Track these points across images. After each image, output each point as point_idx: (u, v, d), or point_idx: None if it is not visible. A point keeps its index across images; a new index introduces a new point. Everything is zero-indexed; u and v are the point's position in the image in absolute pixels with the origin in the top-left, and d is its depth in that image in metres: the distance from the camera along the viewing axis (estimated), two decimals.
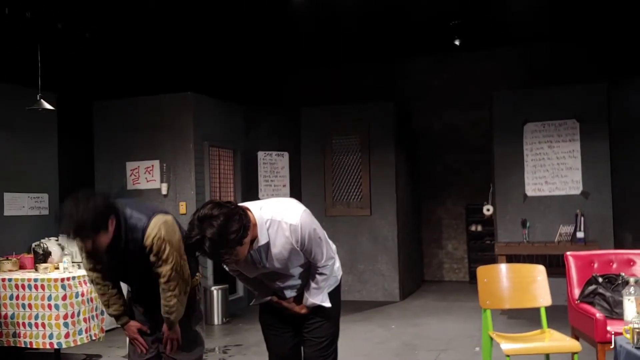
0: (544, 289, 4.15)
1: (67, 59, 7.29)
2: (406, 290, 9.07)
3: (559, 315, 5.30)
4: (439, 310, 8.05)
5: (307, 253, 2.91)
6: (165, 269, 3.16)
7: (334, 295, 3.15)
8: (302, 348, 3.18)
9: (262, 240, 2.81)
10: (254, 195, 8.49)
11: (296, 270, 3.00)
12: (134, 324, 3.35)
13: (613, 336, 3.30)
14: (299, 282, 3.06)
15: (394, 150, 8.88)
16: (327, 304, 3.06)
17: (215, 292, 7.61)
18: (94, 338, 5.53)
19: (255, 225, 2.77)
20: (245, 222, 2.65)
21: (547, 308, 4.15)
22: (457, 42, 8.80)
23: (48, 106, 6.28)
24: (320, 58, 9.66)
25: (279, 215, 2.83)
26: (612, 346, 3.12)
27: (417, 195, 10.29)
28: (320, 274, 3.01)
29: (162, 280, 3.17)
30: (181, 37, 8.00)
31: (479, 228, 10.28)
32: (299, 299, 3.09)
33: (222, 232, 2.57)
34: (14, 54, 6.65)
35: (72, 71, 7.48)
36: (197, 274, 3.44)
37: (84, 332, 5.39)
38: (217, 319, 7.60)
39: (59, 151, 7.49)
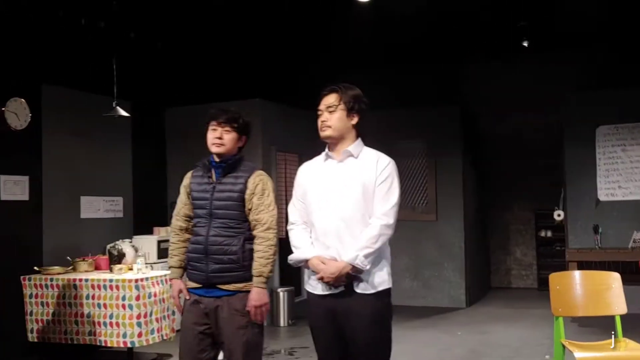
0: (619, 296, 4.03)
1: (140, 67, 7.54)
2: (472, 297, 8.94)
3: (634, 324, 5.12)
4: (506, 317, 7.90)
5: (378, 192, 3.03)
6: (266, 216, 3.36)
7: (384, 297, 3.03)
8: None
9: (351, 149, 3.11)
10: None
11: (357, 217, 2.99)
12: (180, 283, 3.49)
13: None
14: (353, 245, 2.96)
15: (460, 154, 8.78)
16: (366, 267, 2.93)
17: (281, 293, 7.71)
18: (165, 338, 5.69)
19: (354, 141, 3.16)
20: (364, 111, 3.24)
21: (621, 317, 4.02)
22: (525, 44, 8.63)
23: (123, 113, 6.52)
24: (384, 61, 9.63)
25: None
26: None
27: (483, 200, 10.13)
28: (375, 227, 2.97)
29: (262, 228, 3.36)
30: (249, 45, 8.14)
31: (549, 234, 10.04)
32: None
33: (353, 87, 3.27)
34: (90, 63, 6.93)
35: (145, 79, 7.73)
36: None
37: (155, 332, 5.56)
38: (282, 320, 7.69)
39: (133, 156, 7.76)
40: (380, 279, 3.02)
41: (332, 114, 3.12)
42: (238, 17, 7.30)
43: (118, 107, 6.48)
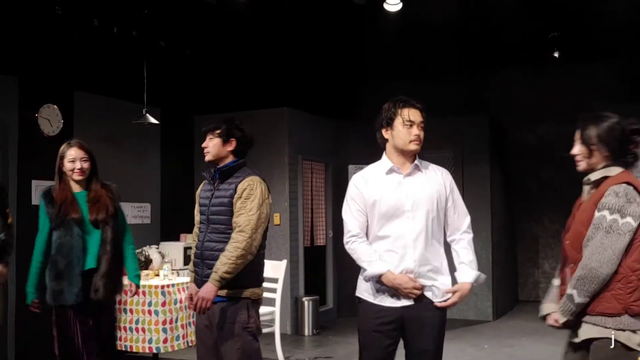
0: None
1: (169, 75, 7.63)
2: (500, 310, 8.82)
3: None
4: (534, 331, 7.77)
5: (456, 206, 3.19)
6: (243, 219, 3.42)
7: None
8: None
9: (417, 162, 3.19)
10: None
11: (434, 229, 3.09)
12: (193, 287, 3.62)
13: None
14: (432, 261, 3.08)
15: (488, 165, 8.69)
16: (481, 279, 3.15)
17: (306, 302, 7.69)
18: (190, 344, 5.70)
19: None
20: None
21: None
22: (556, 54, 8.54)
23: (153, 120, 6.58)
24: (412, 70, 9.61)
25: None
26: None
27: (512, 211, 10.01)
28: (470, 242, 3.17)
29: (237, 229, 3.42)
30: (277, 54, 8.19)
31: None
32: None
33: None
34: (121, 70, 7.02)
35: (174, 87, 7.81)
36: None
37: (181, 338, 5.57)
38: (307, 330, 7.67)
39: (161, 163, 7.84)
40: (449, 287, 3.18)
41: (422, 131, 3.18)
42: (267, 27, 7.34)
43: (148, 115, 6.56)
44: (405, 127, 3.13)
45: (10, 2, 5.75)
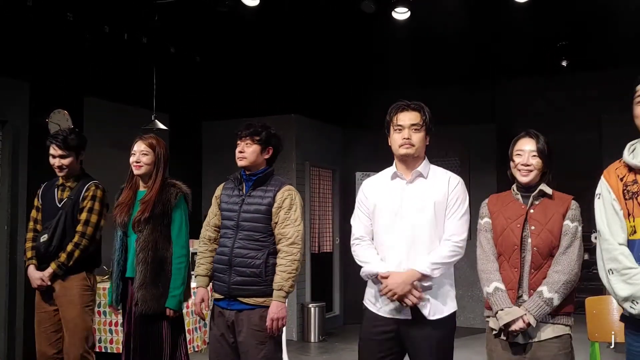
0: None
1: (178, 81, 7.67)
2: None
3: None
4: None
5: (449, 212, 3.05)
6: (292, 230, 3.38)
7: (451, 321, 3.07)
8: None
9: (421, 169, 3.09)
10: (351, 214, 8.54)
11: (429, 238, 3.00)
12: (205, 292, 3.53)
13: None
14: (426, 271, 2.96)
15: (495, 174, 8.69)
16: (435, 275, 2.96)
17: (312, 309, 7.71)
18: (196, 349, 5.73)
19: (423, 161, 3.13)
20: (431, 128, 3.19)
21: None
22: (564, 64, 8.54)
23: (162, 126, 6.62)
24: (420, 78, 9.62)
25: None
26: None
27: None
28: (447, 246, 3.03)
29: (287, 242, 3.37)
30: (285, 61, 8.23)
31: (586, 257, 9.78)
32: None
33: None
34: (131, 76, 7.07)
35: (183, 93, 7.85)
36: None
37: (187, 344, 5.58)
38: (313, 336, 7.68)
39: (170, 169, 7.87)
40: (450, 303, 3.08)
41: (416, 133, 3.09)
42: (276, 34, 7.38)
43: (157, 120, 6.60)
44: (396, 133, 3.08)
45: (22, 8, 5.81)
